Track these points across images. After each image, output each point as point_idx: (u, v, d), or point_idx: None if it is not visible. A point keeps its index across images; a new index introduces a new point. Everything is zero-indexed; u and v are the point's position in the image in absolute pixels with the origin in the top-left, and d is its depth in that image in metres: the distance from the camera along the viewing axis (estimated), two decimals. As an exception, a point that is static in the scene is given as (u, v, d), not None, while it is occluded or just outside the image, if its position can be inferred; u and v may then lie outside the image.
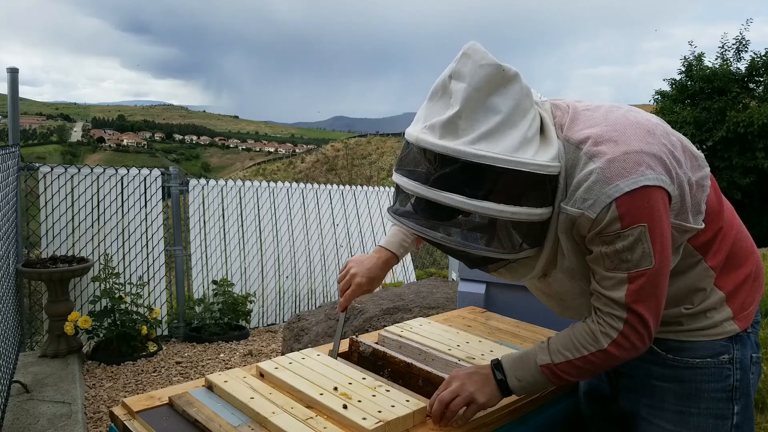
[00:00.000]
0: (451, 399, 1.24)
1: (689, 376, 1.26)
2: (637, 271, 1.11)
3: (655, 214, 1.09)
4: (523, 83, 1.11)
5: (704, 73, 13.40)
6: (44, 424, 2.93)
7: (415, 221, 1.15)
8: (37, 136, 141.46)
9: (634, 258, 1.11)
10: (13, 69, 4.35)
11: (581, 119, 1.18)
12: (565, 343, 1.21)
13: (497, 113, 1.07)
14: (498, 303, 2.25)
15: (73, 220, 4.59)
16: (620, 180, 1.07)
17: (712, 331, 1.25)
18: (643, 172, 1.08)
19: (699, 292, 1.25)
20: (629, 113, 1.20)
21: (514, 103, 1.09)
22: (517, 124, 1.09)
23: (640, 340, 1.16)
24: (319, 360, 1.53)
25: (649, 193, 1.08)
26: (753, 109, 12.38)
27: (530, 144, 1.09)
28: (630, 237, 1.09)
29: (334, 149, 51.01)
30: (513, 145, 1.07)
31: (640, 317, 1.13)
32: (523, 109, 1.10)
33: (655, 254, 1.10)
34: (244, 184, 5.85)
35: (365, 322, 3.15)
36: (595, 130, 1.14)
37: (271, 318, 5.85)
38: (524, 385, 1.24)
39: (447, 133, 1.07)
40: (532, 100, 1.14)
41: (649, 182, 1.08)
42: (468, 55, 1.09)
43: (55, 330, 4.02)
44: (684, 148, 1.21)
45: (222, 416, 1.27)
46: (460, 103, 1.07)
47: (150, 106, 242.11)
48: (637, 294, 1.12)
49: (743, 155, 12.53)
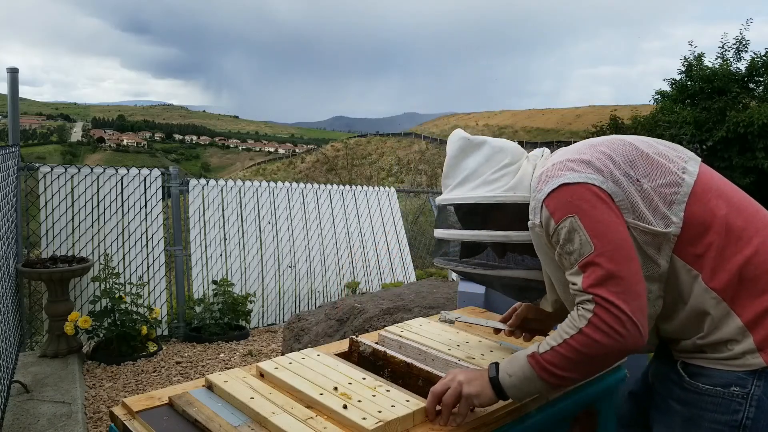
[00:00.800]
0: (443, 391, 1.25)
1: (695, 402, 1.25)
2: (583, 259, 1.18)
3: (583, 204, 1.20)
4: (493, 144, 1.46)
5: (704, 73, 13.39)
6: (44, 424, 2.93)
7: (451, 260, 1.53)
8: (37, 136, 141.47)
9: (575, 248, 1.19)
10: (13, 69, 4.35)
11: (553, 155, 1.39)
12: (552, 336, 1.24)
13: (467, 169, 1.45)
14: (498, 303, 2.25)
15: (73, 220, 4.59)
16: (544, 185, 1.25)
17: (732, 362, 1.21)
18: (563, 174, 1.24)
19: (706, 317, 1.23)
20: (597, 138, 1.38)
21: (483, 158, 1.44)
22: (483, 172, 1.42)
23: (618, 323, 1.13)
24: (319, 360, 1.53)
25: (571, 189, 1.22)
26: (753, 109, 12.37)
27: (491, 183, 1.40)
28: (563, 229, 1.20)
29: (334, 149, 51.02)
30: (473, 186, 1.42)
31: (605, 300, 1.15)
32: (493, 161, 1.43)
33: (593, 239, 1.17)
34: (244, 184, 5.85)
35: (365, 322, 3.15)
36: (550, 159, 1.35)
37: (271, 318, 5.85)
38: (515, 381, 1.23)
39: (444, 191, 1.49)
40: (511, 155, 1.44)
41: (568, 180, 1.23)
42: (450, 138, 1.52)
43: (55, 330, 4.02)
44: (646, 157, 1.28)
45: (222, 416, 1.27)
46: (445, 169, 1.50)
47: (150, 106, 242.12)
48: (594, 281, 1.16)
49: (743, 155, 12.52)
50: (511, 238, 1.36)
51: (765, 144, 12.20)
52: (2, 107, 45.42)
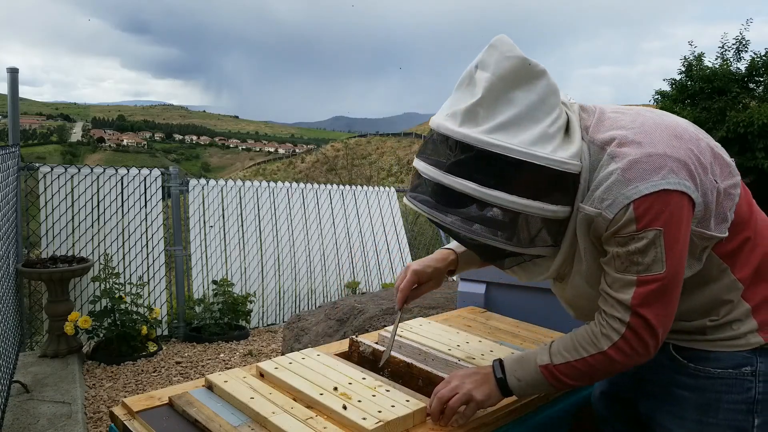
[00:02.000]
0: (450, 396, 1.24)
1: (709, 386, 1.25)
2: (647, 275, 1.10)
3: (673, 220, 1.08)
4: (550, 81, 1.12)
5: (704, 73, 13.38)
6: (44, 424, 2.93)
7: (429, 206, 1.16)
8: (37, 136, 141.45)
9: (646, 261, 1.09)
10: (13, 69, 4.35)
11: (608, 121, 1.18)
12: (566, 345, 1.21)
13: (518, 105, 1.08)
14: (498, 303, 2.25)
15: (73, 220, 4.59)
16: (640, 182, 1.07)
17: (735, 342, 1.23)
18: (665, 176, 1.07)
19: (726, 305, 1.23)
20: (658, 116, 1.19)
21: (537, 97, 1.09)
22: (539, 119, 1.09)
23: (642, 347, 1.14)
24: (319, 360, 1.53)
25: (669, 197, 1.07)
26: (753, 109, 12.37)
27: (550, 140, 1.09)
28: (644, 239, 1.08)
29: (334, 149, 51.01)
30: (531, 138, 1.07)
31: (645, 321, 1.12)
32: (548, 106, 1.11)
33: (667, 260, 1.09)
34: (244, 184, 5.85)
35: (365, 322, 3.15)
36: (620, 132, 1.14)
37: (271, 318, 5.85)
38: (523, 385, 1.24)
39: (467, 121, 1.09)
40: (559, 99, 1.14)
41: (669, 186, 1.07)
42: (495, 46, 1.10)
43: (55, 330, 4.02)
44: (714, 155, 1.18)
45: (222, 416, 1.27)
46: (482, 92, 1.08)
47: (150, 106, 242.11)
48: (645, 298, 1.11)
49: (743, 155, 12.52)
50: (558, 214, 1.12)
51: (765, 144, 12.20)
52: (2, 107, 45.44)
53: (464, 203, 1.12)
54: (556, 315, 1.43)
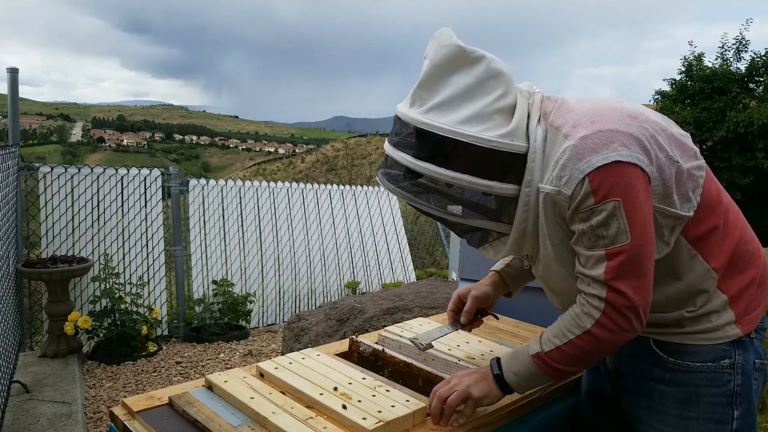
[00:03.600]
0: (448, 394, 1.24)
1: (689, 380, 1.26)
2: (614, 248, 1.12)
3: (630, 191, 1.10)
4: (490, 65, 1.18)
5: (704, 73, 13.39)
6: (44, 424, 2.93)
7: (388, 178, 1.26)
8: (37, 136, 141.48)
9: (610, 234, 1.11)
10: (13, 69, 4.35)
11: (567, 107, 1.22)
12: (555, 332, 1.22)
13: (453, 88, 1.17)
14: (498, 303, 2.24)
15: (73, 220, 4.59)
16: (592, 155, 1.10)
17: (713, 335, 1.24)
18: (616, 148, 1.10)
19: (701, 294, 1.24)
20: (618, 103, 1.22)
21: (473, 80, 1.17)
22: (474, 99, 1.17)
23: (624, 320, 1.14)
24: (319, 360, 1.53)
25: (622, 168, 1.10)
26: (753, 109, 12.37)
27: (484, 120, 1.16)
28: (603, 212, 1.10)
29: (334, 149, 50.97)
30: (460, 118, 1.15)
31: (621, 294, 1.13)
32: (486, 88, 1.17)
33: (630, 230, 1.11)
34: (244, 184, 5.85)
35: (365, 322, 3.15)
36: (576, 115, 1.18)
37: (271, 318, 5.85)
38: (520, 379, 1.24)
39: (411, 103, 1.22)
40: (502, 83, 1.19)
41: (621, 158, 1.10)
42: (435, 37, 1.21)
43: (55, 330, 4.02)
44: (672, 137, 1.21)
45: (222, 416, 1.27)
46: (422, 77, 1.20)
47: (150, 106, 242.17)
48: (617, 271, 1.12)
49: (743, 155, 12.52)
50: (494, 189, 1.17)
51: (765, 144, 12.20)
52: (2, 107, 45.48)
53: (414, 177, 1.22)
54: (556, 315, 1.43)
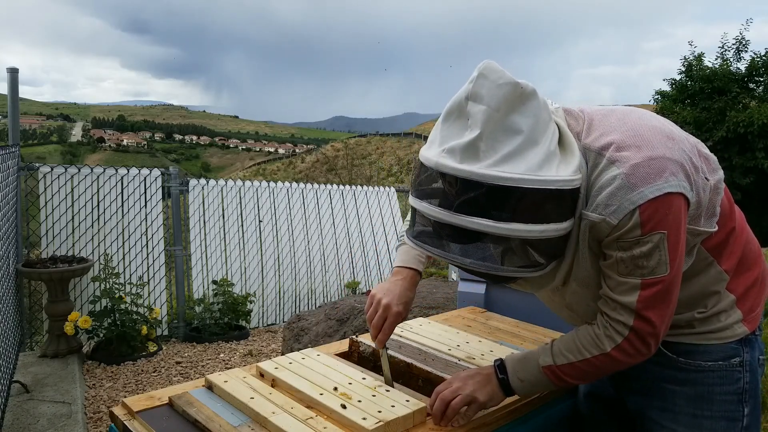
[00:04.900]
0: (452, 398, 1.24)
1: (701, 379, 1.26)
2: (651, 278, 1.11)
3: (675, 222, 1.09)
4: (540, 99, 1.08)
5: (704, 73, 13.40)
6: (44, 424, 2.93)
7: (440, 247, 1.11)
8: (37, 136, 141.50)
9: (650, 265, 1.10)
10: (13, 69, 4.35)
11: (598, 126, 1.16)
12: (568, 346, 1.22)
13: (518, 133, 1.04)
14: (498, 303, 2.25)
15: (73, 220, 4.59)
16: (645, 186, 1.06)
17: (723, 334, 1.25)
18: (667, 179, 1.07)
19: (713, 296, 1.25)
20: (643, 118, 1.18)
21: (533, 120, 1.05)
22: (538, 140, 1.06)
23: (645, 347, 1.16)
24: (319, 360, 1.53)
25: (671, 200, 1.07)
26: (753, 109, 12.38)
27: (552, 159, 1.06)
28: (649, 244, 1.08)
29: (334, 149, 50.97)
30: (536, 163, 1.04)
31: (649, 323, 1.13)
32: (543, 124, 1.07)
33: (671, 262, 1.10)
34: (244, 184, 5.85)
35: (365, 322, 3.15)
36: (615, 136, 1.12)
37: (271, 318, 5.85)
38: (526, 385, 1.25)
39: (468, 157, 1.03)
40: (550, 113, 1.12)
41: (672, 189, 1.07)
42: (485, 75, 1.05)
43: (55, 330, 4.02)
44: (699, 153, 1.19)
45: (222, 416, 1.27)
46: (480, 126, 1.03)
47: (150, 106, 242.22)
48: (649, 301, 1.12)
49: (743, 155, 12.53)
50: (567, 229, 1.10)
51: (765, 144, 12.21)
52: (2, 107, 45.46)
53: (476, 239, 1.07)
54: (556, 315, 1.43)
